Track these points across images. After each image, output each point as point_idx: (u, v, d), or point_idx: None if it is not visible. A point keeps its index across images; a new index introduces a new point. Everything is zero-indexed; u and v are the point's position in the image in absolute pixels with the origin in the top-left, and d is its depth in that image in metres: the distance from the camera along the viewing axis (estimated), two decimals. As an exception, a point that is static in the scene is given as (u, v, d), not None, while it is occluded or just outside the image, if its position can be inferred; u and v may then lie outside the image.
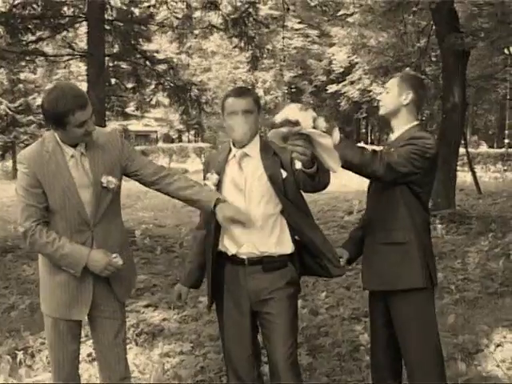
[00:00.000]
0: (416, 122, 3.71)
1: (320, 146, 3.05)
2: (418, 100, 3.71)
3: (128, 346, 5.51)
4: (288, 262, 3.62)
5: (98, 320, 3.60)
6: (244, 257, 3.58)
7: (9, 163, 35.05)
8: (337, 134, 3.24)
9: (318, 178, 3.20)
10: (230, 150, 3.69)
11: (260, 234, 3.54)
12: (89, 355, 5.12)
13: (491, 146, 45.96)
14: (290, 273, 3.63)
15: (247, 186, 3.56)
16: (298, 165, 3.22)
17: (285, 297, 3.59)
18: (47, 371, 5.02)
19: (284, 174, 3.54)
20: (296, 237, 3.64)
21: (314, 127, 3.04)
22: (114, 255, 3.45)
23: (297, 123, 3.02)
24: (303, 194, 3.62)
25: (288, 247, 3.61)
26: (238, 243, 3.58)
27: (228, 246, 3.62)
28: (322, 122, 3.10)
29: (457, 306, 6.79)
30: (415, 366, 3.64)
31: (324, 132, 3.06)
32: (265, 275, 3.58)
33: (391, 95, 3.71)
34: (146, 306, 6.91)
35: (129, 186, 3.21)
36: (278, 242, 3.57)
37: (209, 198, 3.48)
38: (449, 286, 7.44)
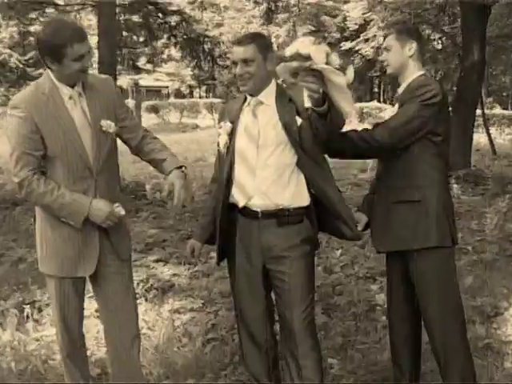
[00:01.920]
0: (421, 72, 3.57)
1: (332, 84, 2.80)
2: (421, 48, 3.60)
3: (137, 302, 5.39)
4: (304, 217, 3.44)
5: (105, 275, 3.42)
6: (257, 209, 3.39)
7: (19, 116, 34.77)
8: (351, 73, 2.97)
9: (329, 117, 2.99)
10: (246, 99, 3.49)
11: (274, 185, 3.36)
12: (97, 310, 4.97)
13: (505, 108, 45.30)
14: (305, 229, 3.44)
15: (261, 135, 3.37)
16: (307, 103, 3.00)
17: (300, 255, 3.42)
18: (54, 326, 4.90)
19: (299, 121, 3.32)
20: (312, 190, 3.46)
21: (327, 63, 2.79)
22: (116, 204, 3.28)
23: (308, 58, 2.77)
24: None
25: (304, 199, 3.42)
26: (248, 194, 3.39)
27: (238, 197, 3.44)
28: (335, 59, 2.84)
29: (474, 267, 6.62)
30: (435, 326, 3.50)
31: (337, 69, 2.82)
32: (279, 230, 3.39)
33: (394, 51, 3.55)
34: (156, 261, 6.78)
35: None
36: (294, 194, 3.38)
37: (169, 164, 3.40)
38: (466, 247, 7.25)
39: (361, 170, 14.12)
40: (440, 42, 18.86)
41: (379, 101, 47.37)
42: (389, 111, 3.55)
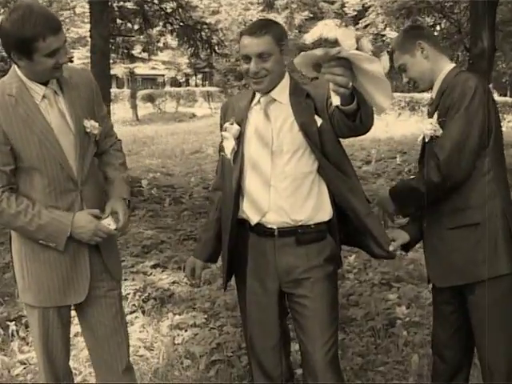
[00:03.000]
0: (451, 66, 3.03)
1: (366, 74, 2.21)
2: (430, 39, 3.07)
3: (134, 315, 4.98)
4: (327, 234, 2.95)
5: (94, 299, 2.94)
6: (274, 227, 2.90)
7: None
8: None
9: (358, 117, 2.43)
10: (254, 95, 2.97)
11: (292, 198, 2.86)
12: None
13: (504, 95, 44.85)
14: (329, 247, 2.96)
15: (274, 140, 2.86)
16: (336, 100, 2.36)
17: (323, 276, 2.92)
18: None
19: (319, 120, 2.80)
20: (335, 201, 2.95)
21: (357, 49, 2.21)
22: (105, 216, 2.81)
23: (335, 43, 2.20)
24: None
25: (327, 213, 2.92)
26: (262, 210, 2.89)
27: (250, 213, 2.94)
28: (367, 44, 2.28)
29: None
30: (493, 367, 2.98)
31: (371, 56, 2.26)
32: (298, 249, 2.90)
33: (410, 66, 3.06)
34: (154, 267, 6.31)
35: (133, 131, 2.67)
36: (315, 207, 2.88)
37: (117, 190, 2.97)
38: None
39: (365, 162, 13.66)
40: (444, 27, 18.32)
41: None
42: (427, 124, 2.95)
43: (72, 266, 2.84)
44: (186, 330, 4.75)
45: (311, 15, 44.29)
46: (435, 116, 2.93)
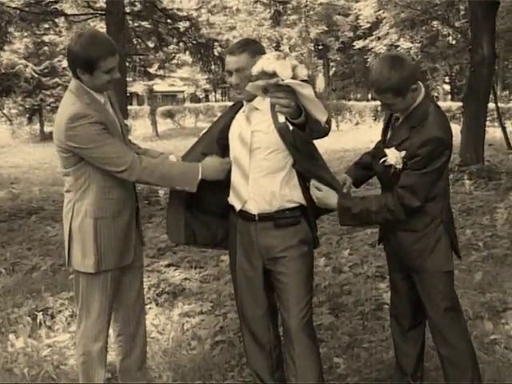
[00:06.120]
0: (422, 96, 3.31)
1: (302, 96, 2.83)
2: (419, 73, 3.41)
3: (148, 307, 5.50)
4: (301, 219, 3.49)
5: (124, 271, 3.66)
6: (254, 212, 3.45)
7: (36, 126, 34.84)
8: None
9: (308, 127, 2.99)
10: (242, 106, 3.56)
11: (268, 188, 3.40)
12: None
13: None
14: (303, 230, 3.50)
15: (253, 140, 3.41)
16: (281, 118, 3.06)
17: (298, 256, 3.46)
18: (67, 332, 5.01)
19: (291, 126, 3.31)
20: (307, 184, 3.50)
21: (294, 77, 2.82)
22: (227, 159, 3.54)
23: (274, 74, 2.81)
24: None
25: (299, 199, 3.46)
26: (243, 199, 3.46)
27: (234, 201, 3.52)
28: (301, 70, 2.87)
29: (484, 263, 6.62)
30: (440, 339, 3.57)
31: (304, 81, 2.83)
32: (277, 231, 3.45)
33: (397, 105, 3.29)
34: (168, 266, 6.84)
35: (154, 146, 3.15)
36: (289, 196, 3.43)
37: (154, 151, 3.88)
38: (476, 243, 7.27)
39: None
40: (451, 37, 18.79)
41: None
42: (393, 156, 3.32)
43: (127, 233, 3.55)
44: (193, 317, 5.28)
45: (326, 28, 44.92)
46: (403, 153, 3.28)
